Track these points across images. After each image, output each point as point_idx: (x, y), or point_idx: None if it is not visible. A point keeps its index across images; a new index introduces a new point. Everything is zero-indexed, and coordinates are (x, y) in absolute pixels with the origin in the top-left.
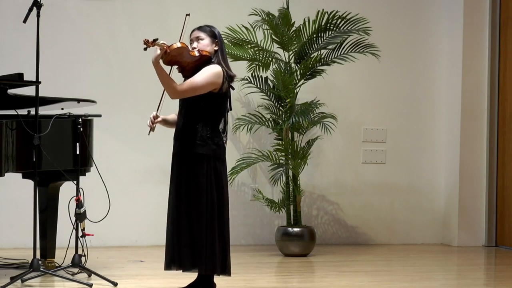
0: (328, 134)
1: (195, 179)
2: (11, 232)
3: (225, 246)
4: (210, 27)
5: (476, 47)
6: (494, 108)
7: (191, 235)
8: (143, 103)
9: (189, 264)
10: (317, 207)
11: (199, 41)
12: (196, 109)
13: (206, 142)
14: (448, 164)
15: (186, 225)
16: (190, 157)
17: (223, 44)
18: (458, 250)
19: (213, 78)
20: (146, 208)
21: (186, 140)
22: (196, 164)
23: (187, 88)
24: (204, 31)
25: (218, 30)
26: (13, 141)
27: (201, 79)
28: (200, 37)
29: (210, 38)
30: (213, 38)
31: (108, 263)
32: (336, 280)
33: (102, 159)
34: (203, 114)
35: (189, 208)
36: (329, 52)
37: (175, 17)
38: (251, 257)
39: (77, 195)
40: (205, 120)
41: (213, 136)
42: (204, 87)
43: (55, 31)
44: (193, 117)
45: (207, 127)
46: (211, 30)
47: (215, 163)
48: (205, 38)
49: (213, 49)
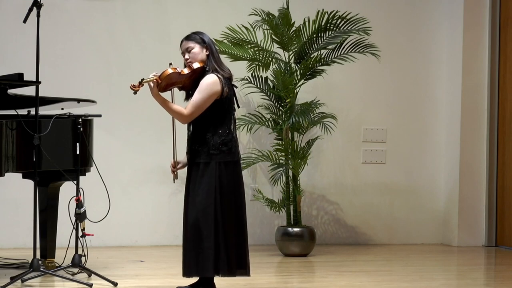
0: (328, 134)
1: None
2: (11, 232)
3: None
4: (197, 34)
5: (476, 47)
6: (494, 108)
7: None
8: (143, 103)
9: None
10: (317, 207)
11: (189, 52)
12: (203, 120)
13: (219, 149)
14: (448, 164)
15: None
16: (206, 167)
17: (213, 46)
18: (458, 250)
19: (211, 88)
20: (146, 208)
21: (199, 151)
22: (210, 171)
23: (192, 109)
24: (192, 40)
25: (207, 35)
26: (13, 141)
27: (201, 95)
28: (190, 47)
29: (199, 45)
30: (202, 44)
31: (108, 263)
32: (336, 280)
33: (102, 159)
34: (211, 123)
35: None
36: (329, 52)
37: (175, 17)
38: (251, 257)
39: (77, 195)
40: (214, 127)
41: (225, 141)
42: (207, 101)
43: (55, 31)
44: (202, 127)
45: (218, 134)
46: (198, 37)
47: (229, 167)
48: (195, 47)
49: (205, 54)
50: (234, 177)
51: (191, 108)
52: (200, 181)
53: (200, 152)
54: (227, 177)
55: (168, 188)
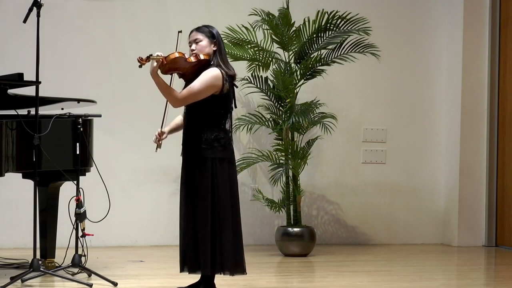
0: (328, 134)
1: (203, 183)
2: (11, 232)
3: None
4: (208, 27)
5: (476, 47)
6: (494, 108)
7: (202, 239)
8: (143, 103)
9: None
10: (317, 207)
11: (197, 43)
12: (199, 114)
13: (211, 145)
14: (448, 164)
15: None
16: (197, 161)
17: (222, 43)
18: (458, 250)
19: (212, 81)
20: (146, 208)
21: (192, 146)
22: (203, 167)
23: (187, 94)
24: (202, 32)
25: (217, 30)
26: (13, 141)
27: (200, 84)
28: (198, 39)
29: (208, 39)
30: (211, 39)
31: (108, 263)
32: (336, 280)
33: (102, 159)
34: (207, 118)
35: (199, 212)
36: (329, 52)
37: (175, 17)
38: (251, 257)
39: (77, 195)
40: (210, 123)
41: (219, 138)
42: (204, 92)
43: (55, 31)
44: (197, 122)
45: (212, 130)
46: (209, 31)
47: (222, 164)
48: (203, 40)
49: (212, 49)
50: (229, 174)
51: (187, 93)
52: (194, 178)
53: (195, 147)
54: (222, 174)
55: (168, 188)
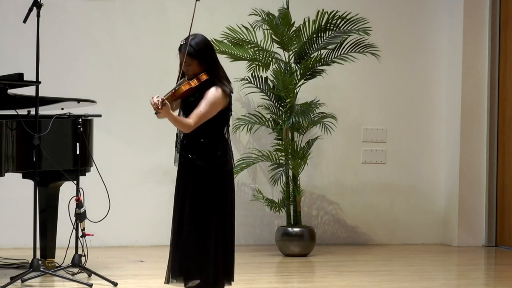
0: (328, 134)
1: (199, 191)
2: (11, 232)
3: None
4: (192, 46)
5: (476, 47)
6: (494, 108)
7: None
8: (143, 103)
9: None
10: (317, 207)
11: (187, 66)
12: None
13: (210, 153)
14: (448, 164)
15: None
16: (195, 170)
17: (213, 53)
18: (458, 250)
19: (219, 102)
20: (146, 208)
21: (189, 153)
22: (201, 176)
23: (198, 119)
24: (189, 55)
25: (204, 39)
26: (13, 141)
27: (208, 107)
28: (187, 62)
29: (196, 60)
30: (200, 59)
31: (108, 263)
32: (336, 280)
33: (102, 159)
34: (206, 128)
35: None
36: (329, 52)
37: (175, 17)
38: (251, 257)
39: (77, 195)
40: (209, 132)
41: (218, 146)
42: (212, 112)
43: (55, 31)
44: (196, 134)
45: (211, 139)
46: (195, 51)
47: (220, 173)
48: (191, 64)
49: (203, 68)
50: (227, 185)
51: (197, 119)
52: (192, 189)
53: (193, 159)
54: (221, 185)
55: (168, 188)
